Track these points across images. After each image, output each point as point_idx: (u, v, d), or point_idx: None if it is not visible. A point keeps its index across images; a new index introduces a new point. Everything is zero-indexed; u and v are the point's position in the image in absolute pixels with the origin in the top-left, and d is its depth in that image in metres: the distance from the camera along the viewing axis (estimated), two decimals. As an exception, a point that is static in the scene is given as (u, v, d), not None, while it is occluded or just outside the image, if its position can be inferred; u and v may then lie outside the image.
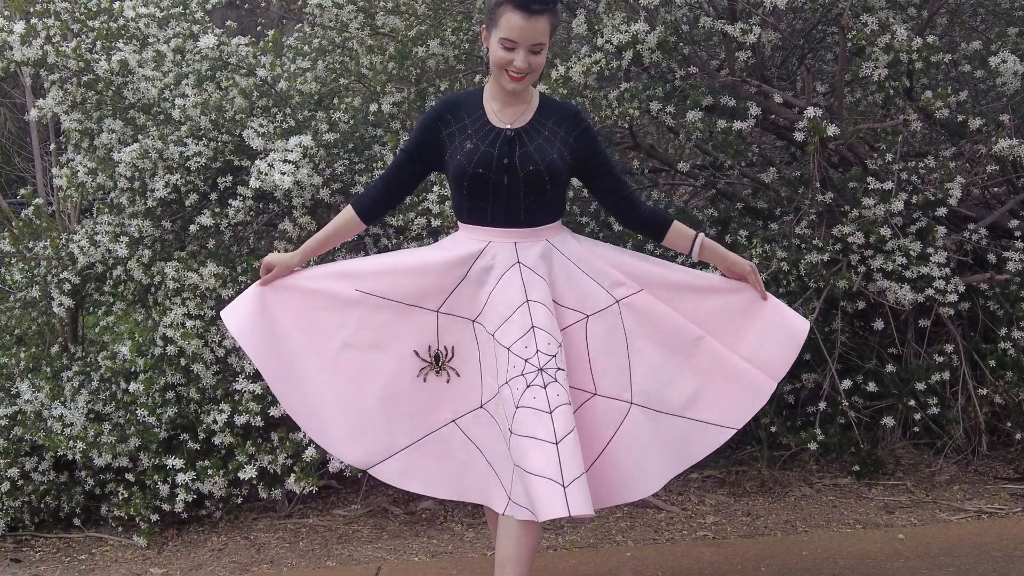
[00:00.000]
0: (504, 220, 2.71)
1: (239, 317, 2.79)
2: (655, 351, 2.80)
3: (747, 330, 2.86)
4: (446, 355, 2.74)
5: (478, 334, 2.73)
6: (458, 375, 2.74)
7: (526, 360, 2.56)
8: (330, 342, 2.76)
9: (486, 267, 2.71)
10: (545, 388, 2.52)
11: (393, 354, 2.74)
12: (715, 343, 2.83)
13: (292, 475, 3.87)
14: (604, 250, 2.88)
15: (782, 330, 2.86)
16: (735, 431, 2.86)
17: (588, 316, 2.74)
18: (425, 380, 2.75)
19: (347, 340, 2.75)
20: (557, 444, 2.44)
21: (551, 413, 2.48)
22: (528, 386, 2.52)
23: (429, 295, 2.73)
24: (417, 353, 2.74)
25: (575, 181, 2.95)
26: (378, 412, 2.75)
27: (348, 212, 2.88)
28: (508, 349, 2.60)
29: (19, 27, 4.07)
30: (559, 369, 2.56)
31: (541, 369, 2.54)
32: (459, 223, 2.82)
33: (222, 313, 2.84)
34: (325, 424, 2.79)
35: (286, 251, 4.13)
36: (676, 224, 2.87)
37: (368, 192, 2.93)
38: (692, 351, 2.83)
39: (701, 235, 2.87)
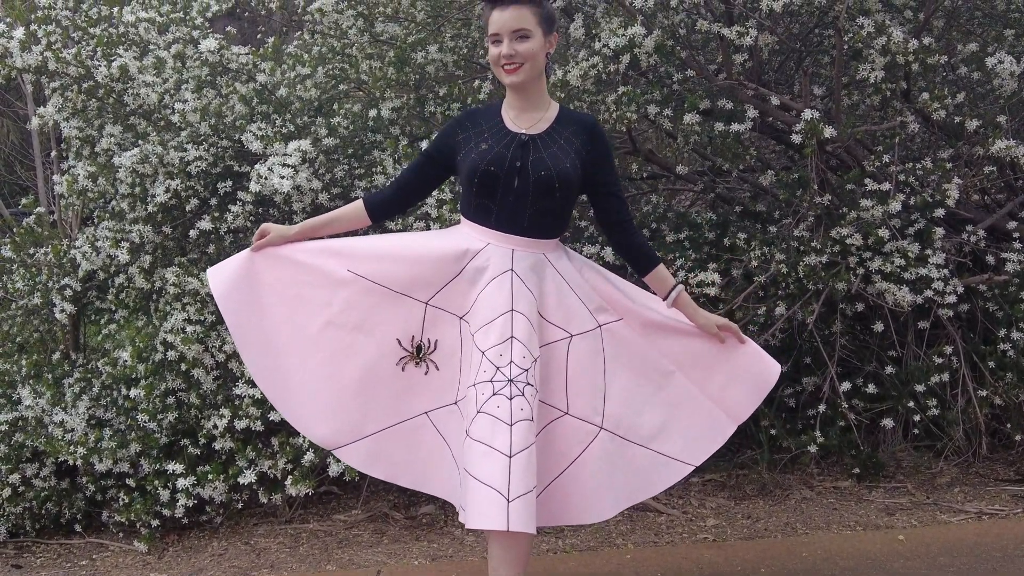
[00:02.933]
0: (507, 225, 2.72)
1: (223, 280, 2.79)
2: (629, 379, 2.82)
3: (718, 370, 2.90)
4: (428, 347, 2.74)
5: (463, 332, 2.73)
6: (437, 369, 2.74)
7: (498, 368, 2.56)
8: (314, 318, 2.76)
9: (480, 267, 2.71)
10: (511, 400, 2.52)
11: (375, 339, 2.74)
12: (684, 379, 2.87)
13: (290, 478, 3.87)
14: (592, 274, 2.89)
15: (751, 374, 2.91)
16: (693, 468, 2.88)
17: (572, 336, 2.75)
18: (403, 369, 2.74)
19: (331, 319, 2.75)
20: (510, 457, 2.43)
21: (511, 426, 2.48)
22: (494, 394, 2.53)
23: (421, 286, 2.73)
24: (400, 342, 2.74)
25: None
26: (353, 394, 2.75)
27: (357, 204, 2.91)
28: (483, 353, 2.60)
29: (19, 34, 4.10)
30: (528, 384, 2.56)
31: (511, 380, 2.55)
32: (464, 219, 2.83)
33: (208, 271, 2.84)
34: (295, 399, 2.78)
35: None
36: (661, 267, 2.89)
37: (381, 190, 2.97)
38: (663, 384, 2.86)
39: (680, 287, 2.88)
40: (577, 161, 2.73)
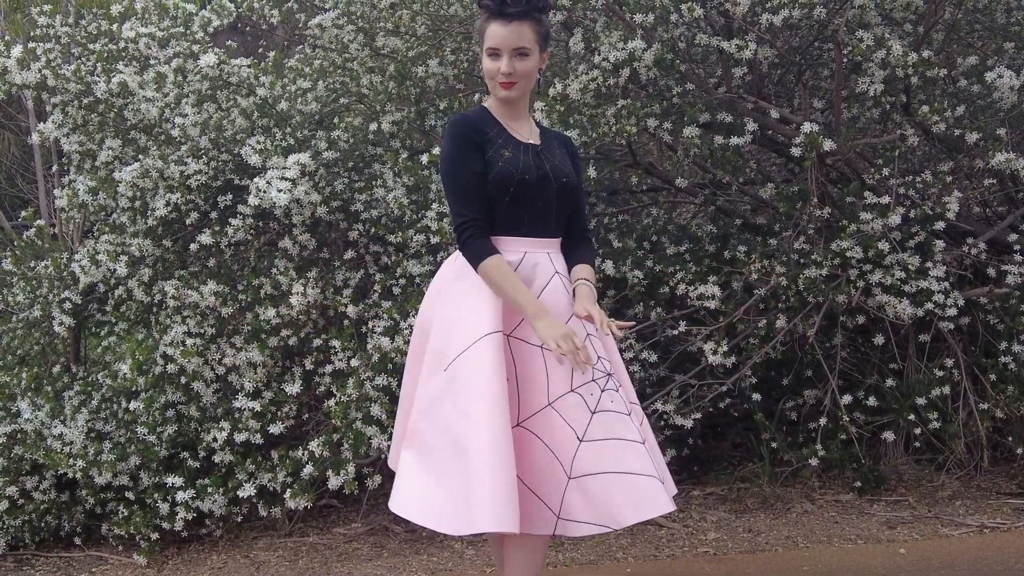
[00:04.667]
0: (539, 230, 2.68)
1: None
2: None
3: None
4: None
5: (514, 349, 2.59)
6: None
7: (593, 366, 2.50)
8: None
9: (527, 279, 2.62)
10: (617, 391, 2.51)
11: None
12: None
13: (288, 491, 3.87)
14: None
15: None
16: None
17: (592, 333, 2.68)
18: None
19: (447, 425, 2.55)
20: (643, 444, 2.44)
21: (629, 415, 2.48)
22: (603, 391, 2.49)
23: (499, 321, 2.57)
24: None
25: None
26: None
27: (500, 258, 2.59)
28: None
29: (16, 51, 4.12)
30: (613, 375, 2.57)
31: (609, 374, 2.53)
32: (492, 237, 2.65)
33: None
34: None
35: (286, 270, 4.16)
36: (582, 267, 2.75)
37: (484, 229, 2.63)
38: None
39: (581, 281, 2.70)
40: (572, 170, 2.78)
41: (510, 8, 2.59)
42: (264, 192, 3.84)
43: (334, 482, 3.80)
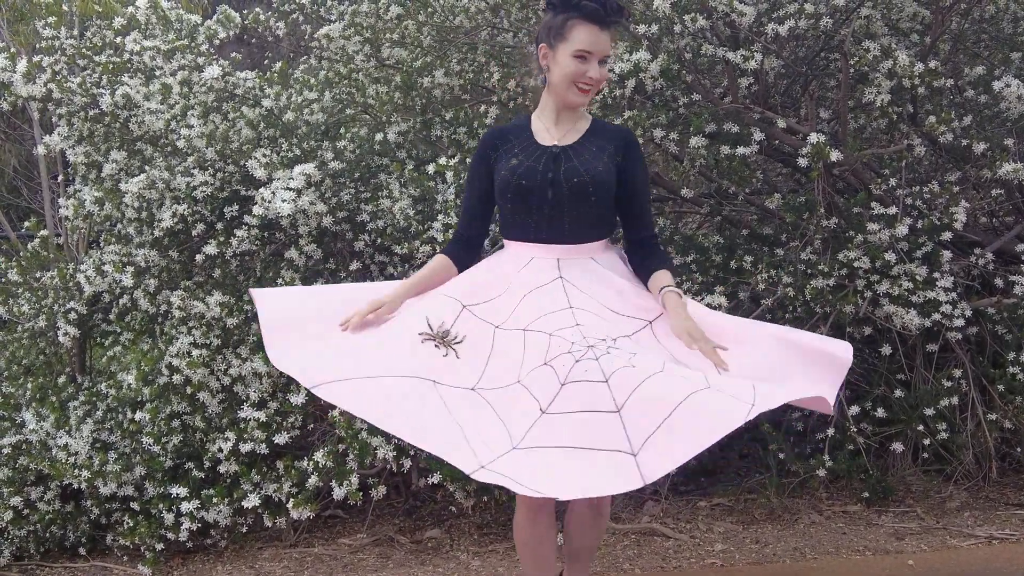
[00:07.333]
0: (548, 236, 2.70)
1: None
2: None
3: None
4: (455, 338, 2.60)
5: (496, 338, 2.60)
6: (457, 357, 2.57)
7: (572, 342, 2.42)
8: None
9: (524, 282, 2.67)
10: (597, 360, 2.35)
11: (402, 314, 2.69)
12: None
13: (292, 501, 3.86)
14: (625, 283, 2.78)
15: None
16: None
17: (651, 322, 2.65)
18: (422, 343, 2.57)
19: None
20: (619, 412, 2.25)
21: (607, 382, 2.30)
22: (577, 361, 2.37)
23: (466, 294, 2.68)
24: (428, 319, 2.61)
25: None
26: (350, 341, 2.61)
27: (442, 260, 2.84)
28: (549, 335, 2.49)
29: (22, 65, 4.13)
30: (613, 348, 2.42)
31: (591, 346, 2.40)
32: (504, 241, 2.81)
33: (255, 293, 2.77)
34: (296, 346, 2.62)
35: (292, 280, 4.16)
36: (661, 273, 2.74)
37: (454, 239, 2.90)
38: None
39: (667, 289, 2.68)
40: (611, 165, 2.70)
41: (610, 16, 2.61)
42: (269, 202, 3.85)
43: (339, 492, 3.79)
